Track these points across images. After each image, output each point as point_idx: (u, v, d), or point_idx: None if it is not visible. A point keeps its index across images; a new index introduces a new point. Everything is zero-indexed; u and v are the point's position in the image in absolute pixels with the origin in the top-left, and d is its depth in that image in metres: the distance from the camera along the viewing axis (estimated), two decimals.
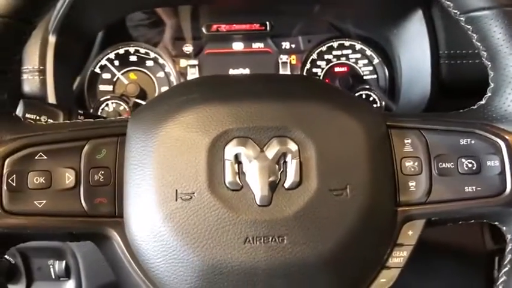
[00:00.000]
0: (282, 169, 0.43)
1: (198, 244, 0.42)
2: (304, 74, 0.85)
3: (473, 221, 0.49)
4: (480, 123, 0.48)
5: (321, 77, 0.85)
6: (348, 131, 0.45)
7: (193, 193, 0.42)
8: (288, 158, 0.43)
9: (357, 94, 0.83)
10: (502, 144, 0.46)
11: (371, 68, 0.85)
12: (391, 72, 0.84)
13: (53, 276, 0.72)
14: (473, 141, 0.47)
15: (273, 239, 0.42)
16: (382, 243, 0.46)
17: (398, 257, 0.47)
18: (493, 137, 0.46)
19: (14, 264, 0.72)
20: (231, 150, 0.43)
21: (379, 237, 0.46)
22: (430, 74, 0.73)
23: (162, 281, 0.43)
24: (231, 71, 0.84)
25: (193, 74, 0.84)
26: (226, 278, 0.42)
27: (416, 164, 0.47)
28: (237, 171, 0.43)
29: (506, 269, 0.46)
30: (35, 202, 0.43)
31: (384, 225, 0.46)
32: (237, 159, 0.43)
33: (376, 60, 0.85)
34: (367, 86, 0.84)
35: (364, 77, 0.85)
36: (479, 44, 0.48)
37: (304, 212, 0.43)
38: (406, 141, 0.47)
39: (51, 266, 0.72)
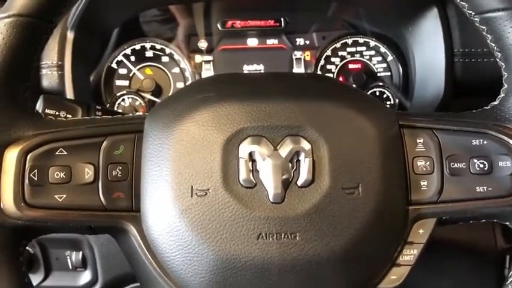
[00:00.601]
0: (295, 167, 0.44)
1: (213, 239, 0.43)
2: (318, 70, 0.85)
3: (484, 220, 0.49)
4: (493, 123, 0.48)
5: (335, 74, 0.86)
6: (360, 130, 0.46)
7: (209, 190, 0.43)
8: (301, 157, 0.44)
9: (370, 91, 0.83)
10: None
11: (385, 65, 0.85)
12: (405, 69, 0.84)
13: (70, 267, 0.74)
14: (485, 142, 0.47)
15: (286, 236, 0.43)
16: (393, 241, 0.47)
17: (409, 255, 0.47)
18: (506, 138, 0.47)
19: (33, 255, 0.74)
20: (245, 148, 0.44)
21: (390, 235, 0.46)
22: (444, 72, 0.73)
23: (177, 274, 0.44)
24: (245, 67, 0.85)
25: (207, 69, 0.85)
26: (239, 273, 0.43)
27: (428, 163, 0.47)
28: (251, 169, 0.44)
29: None
30: (56, 196, 0.44)
31: (395, 223, 0.46)
32: (251, 157, 0.44)
33: (390, 58, 0.85)
34: (381, 83, 0.84)
35: (378, 74, 0.85)
36: (493, 44, 0.48)
37: (317, 210, 0.43)
38: (418, 140, 0.48)
39: (68, 257, 0.74)
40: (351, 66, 0.86)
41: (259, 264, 0.43)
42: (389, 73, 0.85)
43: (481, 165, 0.47)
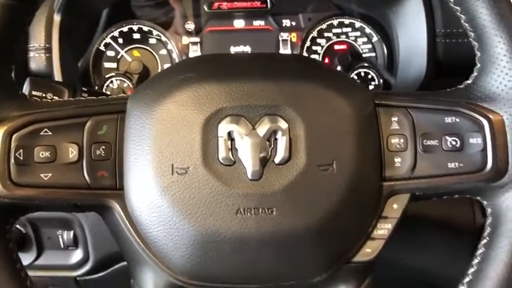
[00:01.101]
0: (272, 146, 0.46)
1: (193, 215, 0.45)
2: (304, 51, 0.87)
3: (457, 196, 0.51)
4: (466, 102, 0.49)
5: (321, 55, 0.87)
6: (336, 110, 0.47)
7: (189, 168, 0.45)
8: (279, 135, 0.46)
9: (355, 72, 0.85)
10: (485, 122, 0.48)
11: (370, 46, 0.86)
12: (389, 50, 0.85)
13: (62, 246, 0.76)
14: (457, 120, 0.49)
15: (263, 211, 0.45)
16: (367, 216, 0.49)
17: (383, 229, 0.49)
18: (477, 116, 0.48)
19: (25, 234, 0.76)
20: (224, 127, 0.46)
21: (364, 210, 0.48)
22: (426, 52, 0.74)
23: (159, 249, 0.46)
24: (232, 49, 0.86)
25: (195, 51, 0.86)
26: (218, 246, 0.45)
27: (402, 141, 0.49)
28: (230, 147, 0.45)
29: (485, 241, 0.49)
30: (41, 175, 0.46)
31: (370, 198, 0.48)
32: (230, 136, 0.46)
33: (375, 38, 0.86)
34: (366, 64, 0.85)
35: (363, 55, 0.86)
36: (467, 25, 0.50)
37: (293, 186, 0.45)
38: (393, 119, 0.49)
39: (59, 236, 0.76)
40: (336, 47, 0.87)
41: (238, 238, 0.45)
42: (374, 54, 0.86)
43: (453, 142, 0.48)
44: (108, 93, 0.82)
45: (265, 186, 0.45)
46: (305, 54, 0.86)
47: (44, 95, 0.61)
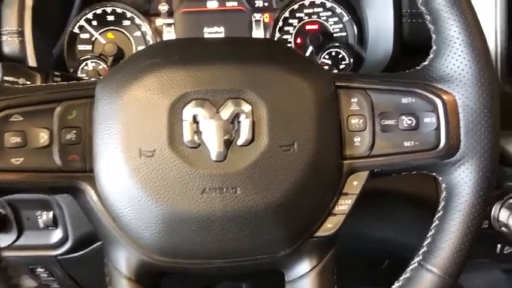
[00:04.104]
0: (236, 128, 0.48)
1: (160, 195, 0.47)
2: (277, 32, 0.88)
3: (414, 172, 0.54)
4: (422, 82, 0.52)
5: (293, 35, 0.88)
6: (298, 92, 0.50)
7: (155, 150, 0.47)
8: (242, 118, 0.48)
9: (326, 51, 0.86)
10: (439, 102, 0.51)
11: (341, 25, 0.88)
12: (359, 30, 0.87)
13: (41, 226, 0.78)
14: (413, 100, 0.51)
15: (227, 190, 0.47)
16: (328, 193, 0.51)
17: (344, 205, 0.52)
18: (431, 96, 0.51)
19: (5, 215, 0.78)
20: (189, 111, 0.47)
21: (325, 187, 0.51)
22: (393, 32, 0.76)
23: (130, 228, 0.49)
24: (206, 30, 0.87)
25: (169, 32, 0.86)
26: (186, 225, 0.47)
27: (361, 121, 0.51)
28: (195, 130, 0.47)
29: (439, 214, 0.52)
30: (12, 160, 0.47)
31: (330, 176, 0.51)
32: (195, 119, 0.48)
33: (345, 18, 0.88)
34: (337, 44, 0.87)
35: (334, 35, 0.88)
36: (423, 8, 0.52)
37: (256, 166, 0.47)
38: (352, 100, 0.52)
39: (39, 217, 0.77)
40: (308, 27, 0.88)
41: (204, 216, 0.47)
42: (345, 33, 0.88)
43: (409, 122, 0.51)
44: (83, 75, 0.83)
45: (229, 167, 0.47)
46: (277, 34, 0.88)
47: (16, 80, 0.62)
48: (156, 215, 0.47)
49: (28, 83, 0.63)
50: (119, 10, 0.86)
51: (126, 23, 0.86)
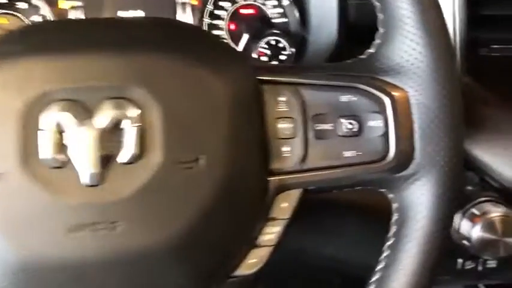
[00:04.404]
0: (117, 139, 0.35)
1: (11, 234, 0.34)
2: (207, 16, 0.75)
3: (358, 187, 0.43)
4: (366, 76, 0.41)
5: (226, 20, 0.76)
6: (205, 89, 0.37)
7: (3, 173, 0.34)
8: (126, 125, 0.35)
9: (265, 40, 0.74)
10: (387, 100, 0.39)
11: (281, 10, 0.76)
12: (302, 15, 0.75)
13: None
14: (355, 98, 0.40)
15: (104, 226, 0.34)
16: (250, 220, 0.40)
17: (271, 233, 0.41)
18: (377, 93, 0.40)
19: None
20: (51, 116, 0.34)
21: (246, 213, 0.39)
22: (337, 15, 0.65)
23: None
24: (120, 13, 0.73)
25: (77, 16, 0.73)
26: (50, 275, 0.34)
27: (291, 126, 0.40)
28: (59, 143, 0.34)
29: (391, 242, 0.41)
30: None
31: (252, 198, 0.39)
32: (58, 128, 0.35)
33: (286, 2, 0.76)
34: (277, 31, 0.75)
35: (273, 21, 0.76)
36: None
37: (145, 191, 0.35)
38: (280, 99, 0.40)
39: None
40: (243, 11, 0.76)
41: (72, 263, 0.34)
42: (285, 19, 0.76)
43: (349, 126, 0.40)
44: None
45: (107, 194, 0.35)
46: (207, 20, 0.75)
47: None
48: (6, 263, 0.34)
49: None
50: None
51: (22, 5, 0.72)
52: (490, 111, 0.65)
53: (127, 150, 0.35)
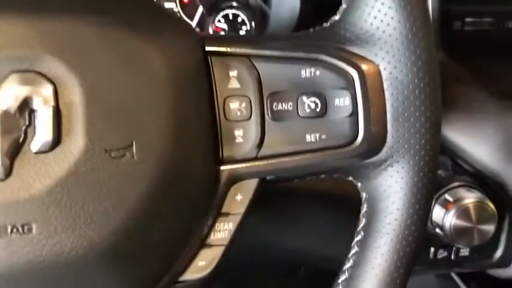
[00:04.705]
0: (27, 123, 0.29)
1: None
2: None
3: (323, 176, 0.38)
4: (330, 46, 0.35)
5: None
6: (139, 61, 0.31)
7: None
8: (37, 105, 0.29)
9: (222, 13, 0.68)
10: (355, 75, 0.34)
11: None
12: None
13: None
14: (317, 72, 0.34)
15: (15, 230, 0.28)
16: (196, 216, 0.34)
17: (224, 231, 0.35)
18: (344, 65, 0.34)
19: None
20: None
21: (191, 208, 0.33)
22: None
23: None
24: None
25: None
26: None
27: (244, 105, 0.34)
28: None
29: (360, 237, 0.36)
30: None
31: (199, 191, 0.33)
32: None
33: None
34: (235, 4, 0.69)
35: None
36: None
37: (65, 186, 0.29)
38: (231, 73, 0.34)
39: None
40: None
41: None
42: None
43: (312, 106, 0.34)
44: None
45: (17, 190, 0.28)
46: None
47: None
48: None
49: None
50: None
51: None
52: (462, 89, 0.61)
53: (40, 136, 0.28)
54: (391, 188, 0.35)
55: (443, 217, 0.58)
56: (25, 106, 0.28)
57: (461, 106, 0.62)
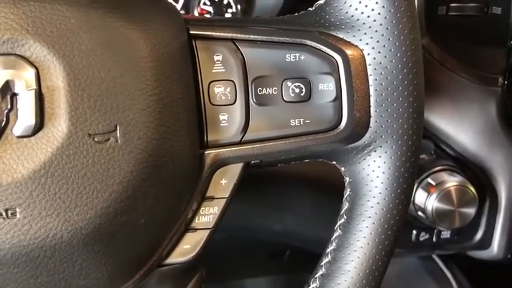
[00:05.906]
0: (9, 106, 0.28)
1: None
2: None
3: (307, 160, 0.38)
4: (315, 31, 0.35)
5: None
6: (122, 44, 0.31)
7: None
8: (20, 88, 0.28)
9: None
10: (339, 59, 0.34)
11: None
12: None
13: None
14: (302, 57, 0.34)
15: None
16: (180, 200, 0.34)
17: (209, 215, 0.35)
18: (328, 50, 0.34)
19: None
20: None
21: (175, 192, 0.33)
22: None
23: None
24: None
25: None
26: None
27: (228, 90, 0.34)
28: None
29: (342, 221, 0.37)
30: None
31: (183, 175, 0.33)
32: None
33: None
34: None
35: None
36: None
37: (48, 170, 0.28)
38: (216, 57, 0.34)
39: None
40: None
41: None
42: None
43: (297, 90, 0.34)
44: None
45: (0, 174, 0.28)
46: None
47: None
48: None
49: None
50: None
51: None
52: (446, 74, 0.62)
53: (22, 120, 0.28)
54: (374, 172, 0.35)
55: (426, 200, 0.59)
56: (7, 89, 0.28)
57: (445, 91, 0.62)
